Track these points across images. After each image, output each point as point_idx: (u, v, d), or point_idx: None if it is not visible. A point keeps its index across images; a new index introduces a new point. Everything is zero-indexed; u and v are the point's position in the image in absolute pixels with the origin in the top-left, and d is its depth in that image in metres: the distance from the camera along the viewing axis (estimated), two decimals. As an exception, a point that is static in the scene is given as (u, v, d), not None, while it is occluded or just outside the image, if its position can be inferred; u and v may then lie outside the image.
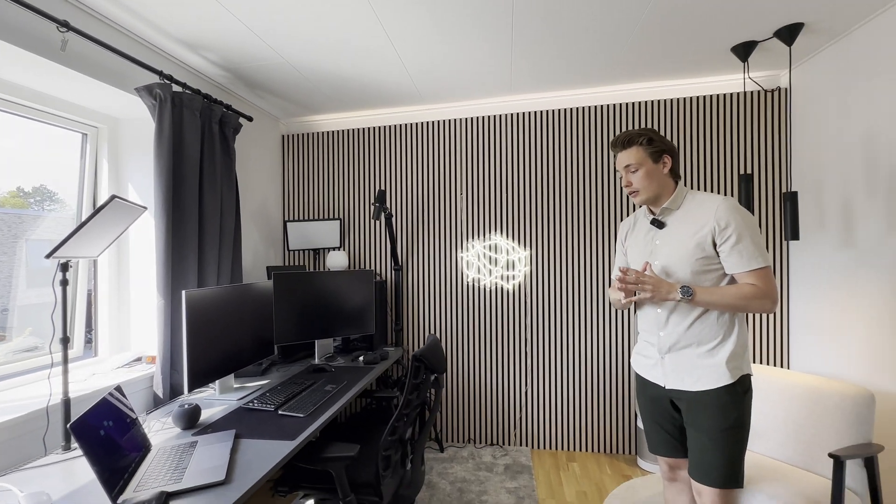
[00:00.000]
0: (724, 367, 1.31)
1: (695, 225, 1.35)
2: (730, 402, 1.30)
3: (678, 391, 1.39)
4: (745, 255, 1.28)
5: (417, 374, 1.63)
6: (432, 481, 2.39)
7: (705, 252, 1.33)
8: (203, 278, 2.11)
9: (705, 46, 2.15)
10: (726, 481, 1.31)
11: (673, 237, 1.40)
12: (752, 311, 1.31)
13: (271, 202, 3.04)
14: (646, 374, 1.50)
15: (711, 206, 1.33)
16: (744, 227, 1.29)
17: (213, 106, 2.20)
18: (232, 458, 1.23)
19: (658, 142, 1.40)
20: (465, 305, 2.89)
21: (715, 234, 1.31)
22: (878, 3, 1.80)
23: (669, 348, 1.40)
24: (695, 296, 1.28)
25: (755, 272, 1.28)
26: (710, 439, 1.32)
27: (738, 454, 1.32)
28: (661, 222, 1.43)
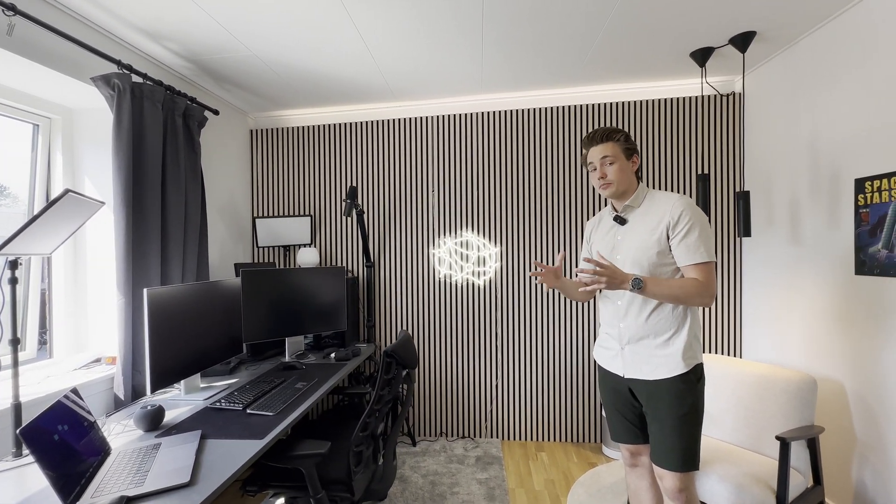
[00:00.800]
0: (678, 357, 1.38)
1: (654, 221, 1.43)
2: (685, 390, 1.38)
3: (637, 380, 1.45)
4: (691, 249, 1.36)
5: (389, 369, 1.64)
6: (405, 475, 2.42)
7: (662, 246, 1.40)
8: (167, 276, 2.05)
9: (666, 51, 2.24)
10: (685, 464, 1.38)
11: (634, 233, 1.47)
12: (692, 305, 1.38)
13: (240, 198, 2.97)
14: (607, 365, 1.56)
15: (669, 203, 1.42)
16: (695, 222, 1.37)
17: (177, 98, 2.13)
18: (197, 459, 1.21)
19: (631, 141, 1.51)
20: (437, 301, 2.92)
21: (669, 228, 1.39)
22: (823, 14, 1.92)
23: (629, 339, 1.46)
24: (644, 286, 1.34)
25: (698, 266, 1.36)
26: (669, 426, 1.39)
27: (695, 438, 1.39)
28: (623, 219, 1.51)
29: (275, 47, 2.12)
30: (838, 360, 1.96)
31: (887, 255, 1.71)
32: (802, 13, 1.90)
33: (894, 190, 1.67)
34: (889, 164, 1.69)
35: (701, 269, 1.36)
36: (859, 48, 1.82)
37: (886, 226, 1.71)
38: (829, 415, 2.00)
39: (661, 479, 1.44)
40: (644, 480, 1.60)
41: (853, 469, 1.90)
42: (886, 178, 1.70)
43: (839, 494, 1.97)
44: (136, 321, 1.85)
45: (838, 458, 1.96)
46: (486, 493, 2.23)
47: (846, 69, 1.89)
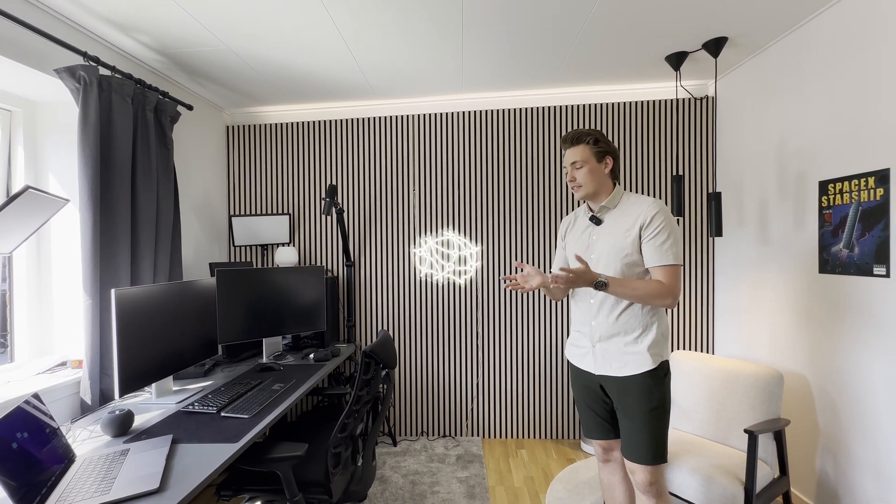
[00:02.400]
0: (646, 354, 1.42)
1: (628, 223, 1.46)
2: (653, 385, 1.42)
3: (607, 377, 1.49)
4: (660, 251, 1.40)
5: (368, 369, 1.63)
6: (385, 475, 2.41)
7: (634, 248, 1.44)
8: (137, 276, 1.99)
9: (642, 54, 2.29)
10: (654, 458, 1.43)
11: (608, 233, 1.50)
12: (654, 305, 1.43)
13: (215, 196, 2.90)
14: (578, 363, 1.60)
15: (644, 205, 1.45)
16: (666, 226, 1.41)
17: (148, 92, 2.06)
18: (168, 464, 1.17)
19: (603, 143, 1.51)
20: (418, 300, 2.91)
21: (643, 228, 1.42)
22: (790, 22, 1.99)
23: (600, 337, 1.50)
24: (608, 286, 1.39)
25: (664, 268, 1.40)
26: (639, 421, 1.43)
27: (663, 432, 1.44)
28: (598, 219, 1.54)
29: (250, 42, 2.07)
30: (802, 355, 2.04)
31: (848, 254, 1.79)
32: (771, 20, 1.97)
33: (854, 192, 1.75)
34: (850, 168, 1.77)
35: (667, 271, 1.40)
36: (823, 56, 1.89)
37: (847, 226, 1.78)
38: (795, 407, 2.08)
39: (632, 474, 1.48)
40: (616, 475, 1.64)
41: (817, 459, 1.98)
42: (847, 180, 1.78)
43: (803, 484, 2.05)
44: (103, 323, 1.78)
45: (803, 449, 2.04)
46: (466, 492, 2.24)
47: (811, 76, 1.96)
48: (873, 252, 1.68)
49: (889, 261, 1.61)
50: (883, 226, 1.63)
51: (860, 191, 1.72)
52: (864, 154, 1.71)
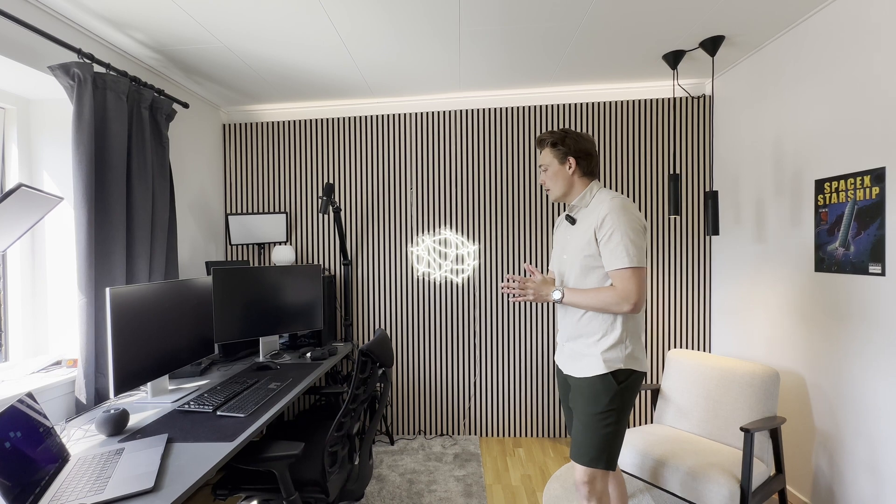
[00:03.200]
0: (599, 358, 1.40)
1: (589, 221, 1.43)
2: (601, 391, 1.40)
3: (568, 377, 1.53)
4: (613, 254, 1.35)
5: (364, 368, 1.63)
6: (382, 474, 2.40)
7: (591, 249, 1.40)
8: (132, 274, 1.98)
9: (640, 53, 2.29)
10: (591, 461, 1.40)
11: (577, 232, 1.48)
12: (611, 312, 1.38)
13: (211, 194, 2.89)
14: (557, 361, 1.64)
15: (601, 205, 1.41)
16: (619, 225, 1.33)
17: (143, 90, 2.05)
18: (163, 463, 1.17)
19: (563, 146, 1.47)
20: (416, 299, 2.91)
21: (596, 229, 1.38)
22: (787, 21, 1.99)
23: (567, 337, 1.53)
24: (563, 298, 1.43)
25: (618, 272, 1.34)
26: (580, 421, 1.44)
27: (607, 438, 1.39)
28: (572, 219, 1.53)
29: (246, 39, 2.06)
30: (799, 354, 2.05)
31: (844, 252, 1.79)
32: (767, 19, 1.97)
33: (850, 191, 1.75)
34: (846, 166, 1.77)
35: (621, 275, 1.34)
36: (818, 55, 1.90)
37: (843, 225, 1.79)
38: (791, 406, 2.09)
39: (573, 469, 1.54)
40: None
41: (812, 457, 1.99)
42: (843, 179, 1.78)
43: (799, 481, 2.06)
44: (98, 322, 1.77)
45: (798, 446, 2.05)
46: (463, 490, 2.24)
47: (807, 74, 1.96)
48: (869, 250, 1.68)
49: (885, 259, 1.62)
50: (878, 224, 1.64)
51: (856, 189, 1.73)
52: (859, 152, 1.72)
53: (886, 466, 1.64)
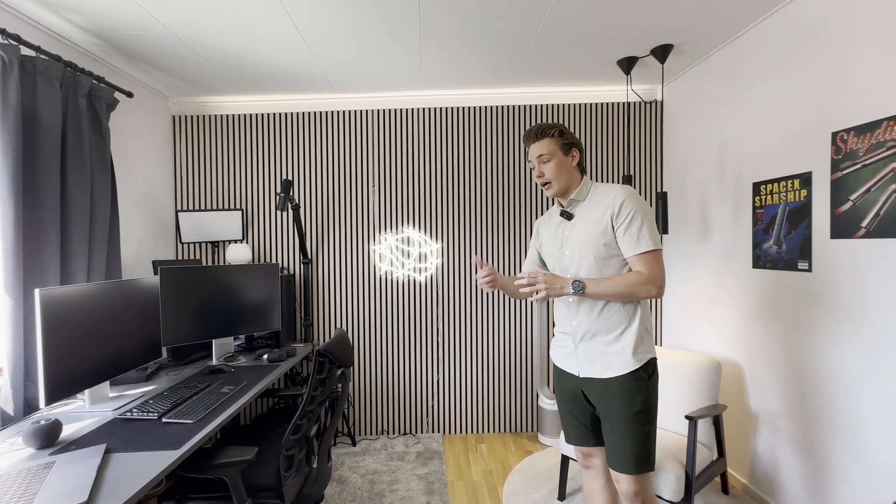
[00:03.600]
0: (629, 353, 1.33)
1: (598, 213, 1.39)
2: (635, 388, 1.33)
3: (590, 379, 1.40)
4: (635, 238, 1.31)
5: (322, 369, 1.59)
6: (343, 476, 2.37)
7: (607, 237, 1.35)
8: (68, 274, 1.84)
9: (595, 57, 2.37)
10: (639, 466, 1.33)
11: (580, 226, 1.43)
12: (639, 298, 1.33)
13: (160, 190, 2.73)
14: (562, 364, 1.51)
15: (611, 194, 1.38)
16: (637, 210, 1.32)
17: (80, 76, 1.91)
18: (99, 476, 1.09)
19: (568, 135, 1.44)
20: (378, 298, 2.88)
21: (613, 217, 1.34)
22: (729, 32, 2.12)
23: (582, 337, 1.42)
24: (585, 289, 1.31)
25: (643, 256, 1.31)
26: (621, 426, 1.34)
27: (649, 438, 1.34)
28: (569, 214, 1.46)
29: (196, 27, 1.96)
30: (737, 344, 2.19)
31: (777, 250, 1.93)
32: (711, 30, 2.09)
33: (782, 193, 1.89)
34: (779, 170, 1.91)
35: (646, 258, 1.31)
36: (755, 67, 2.03)
37: (776, 225, 1.93)
38: (731, 393, 2.23)
39: (617, 483, 1.40)
40: (597, 482, 1.56)
41: (750, 440, 2.13)
42: (777, 182, 1.92)
43: (739, 464, 2.20)
44: (28, 326, 1.64)
45: (738, 431, 2.20)
46: (425, 488, 2.24)
47: (745, 84, 2.10)
48: (798, 248, 1.82)
49: (811, 256, 1.76)
50: (806, 224, 1.78)
51: (787, 192, 1.87)
52: (790, 158, 1.86)
53: (817, 445, 1.78)
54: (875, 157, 1.50)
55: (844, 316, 1.64)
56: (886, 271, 1.48)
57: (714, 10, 1.90)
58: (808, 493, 1.81)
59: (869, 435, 1.56)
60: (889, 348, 1.49)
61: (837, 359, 1.67)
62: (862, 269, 1.57)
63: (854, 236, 1.58)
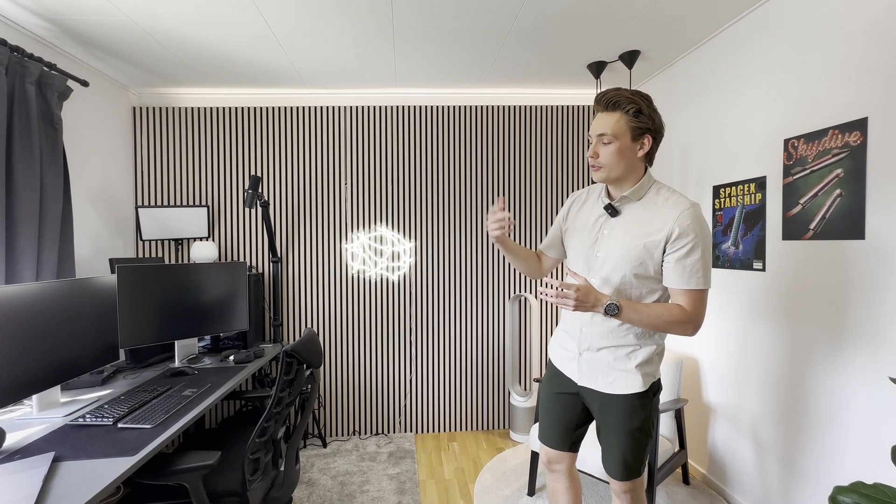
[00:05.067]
0: (637, 374, 1.25)
1: (651, 223, 1.19)
2: (639, 406, 1.26)
3: (590, 390, 1.32)
4: (688, 272, 1.15)
5: (290, 369, 1.56)
6: (312, 478, 2.33)
7: (653, 256, 1.19)
8: (14, 272, 1.73)
9: (566, 61, 2.41)
10: (630, 475, 1.31)
11: (623, 230, 1.24)
12: (672, 333, 1.21)
13: (118, 184, 2.60)
14: (561, 367, 1.41)
15: (676, 209, 1.17)
16: (700, 241, 1.15)
17: (28, 62, 1.80)
18: (45, 486, 1.03)
19: (647, 117, 1.19)
20: (350, 297, 2.85)
21: (669, 240, 1.16)
22: (692, 41, 2.20)
23: (589, 346, 1.30)
24: (620, 313, 1.16)
25: (690, 293, 1.16)
26: (618, 439, 1.29)
27: (642, 451, 1.31)
28: (615, 210, 1.26)
29: (156, 15, 1.87)
30: (697, 341, 2.29)
31: (734, 251, 2.03)
32: (675, 38, 2.16)
33: (739, 196, 1.99)
34: (737, 174, 2.01)
35: (693, 296, 1.16)
36: (717, 74, 2.12)
37: (734, 226, 2.02)
38: (691, 388, 2.32)
39: (610, 480, 1.38)
40: (560, 484, 1.50)
41: (708, 433, 2.23)
42: (734, 185, 2.01)
43: (698, 455, 2.30)
44: (-32, 328, 1.53)
45: (697, 424, 2.29)
46: (396, 488, 2.23)
47: (706, 92, 2.19)
48: (753, 249, 1.92)
49: (765, 257, 1.85)
50: (760, 226, 1.87)
51: (744, 195, 1.96)
52: (747, 163, 1.95)
53: (764, 435, 1.88)
54: (821, 164, 1.60)
55: (794, 313, 1.74)
56: (831, 270, 1.58)
57: (678, 20, 1.98)
58: (761, 481, 1.91)
59: (812, 426, 1.66)
60: (834, 343, 1.59)
61: (786, 354, 1.77)
62: (809, 268, 1.66)
63: (803, 238, 1.68)
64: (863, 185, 1.46)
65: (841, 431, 1.56)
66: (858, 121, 1.47)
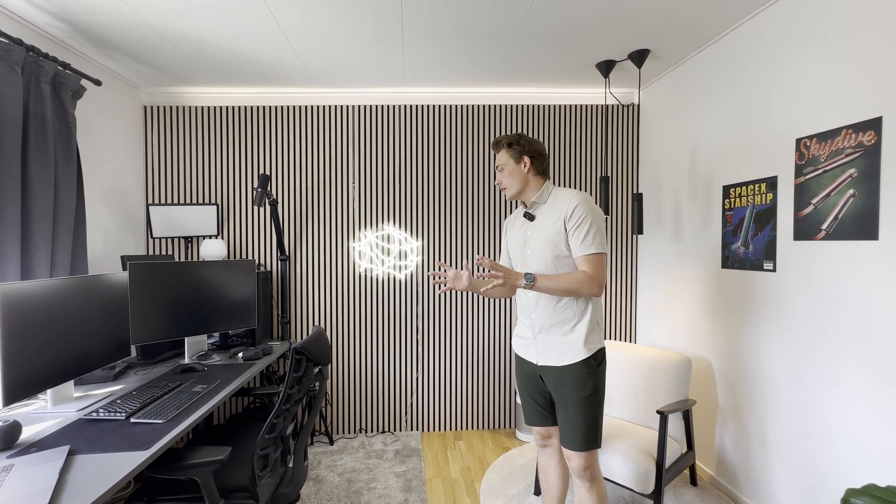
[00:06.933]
0: (581, 343, 1.49)
1: (555, 216, 1.52)
2: (587, 374, 1.48)
3: (547, 367, 1.55)
4: (583, 240, 1.46)
5: (299, 367, 1.57)
6: (320, 475, 2.34)
7: (561, 237, 1.49)
8: (29, 269, 1.76)
9: (574, 60, 2.40)
10: (587, 444, 1.49)
11: (539, 227, 1.56)
12: (582, 295, 1.47)
13: (130, 182, 2.63)
14: (522, 353, 1.65)
15: (568, 197, 1.52)
16: (588, 215, 1.46)
17: (43, 61, 1.82)
18: (62, 478, 1.05)
19: (518, 146, 1.58)
20: (357, 296, 2.86)
21: (566, 220, 1.48)
22: (703, 39, 2.19)
23: (540, 329, 1.55)
24: (535, 282, 1.45)
25: (588, 257, 1.45)
26: (573, 408, 1.49)
27: (596, 419, 1.50)
28: (531, 215, 1.60)
29: (169, 15, 1.90)
30: (707, 342, 2.27)
31: (744, 251, 2.01)
32: (685, 37, 2.15)
33: (750, 196, 1.97)
34: (747, 174, 1.99)
35: (591, 260, 1.45)
36: (727, 74, 2.11)
37: (744, 227, 2.01)
38: (700, 389, 2.31)
39: (569, 460, 1.53)
40: (552, 459, 1.71)
41: (716, 434, 2.22)
42: (744, 185, 2.00)
43: (706, 456, 2.29)
44: (-15, 323, 1.56)
45: (706, 425, 2.28)
46: (403, 486, 2.24)
47: (717, 91, 2.17)
48: (763, 249, 1.90)
49: (776, 257, 1.84)
50: (771, 226, 1.86)
51: (754, 195, 1.94)
52: (757, 163, 1.93)
53: (773, 436, 1.87)
54: (834, 164, 1.58)
55: (805, 314, 1.72)
56: (843, 272, 1.57)
57: (689, 18, 1.96)
58: (770, 483, 1.89)
59: (825, 428, 1.64)
60: (846, 345, 1.57)
61: (798, 355, 1.76)
62: (821, 269, 1.65)
63: (815, 238, 1.66)
64: (877, 185, 1.44)
65: (852, 433, 1.54)
66: (873, 120, 1.45)
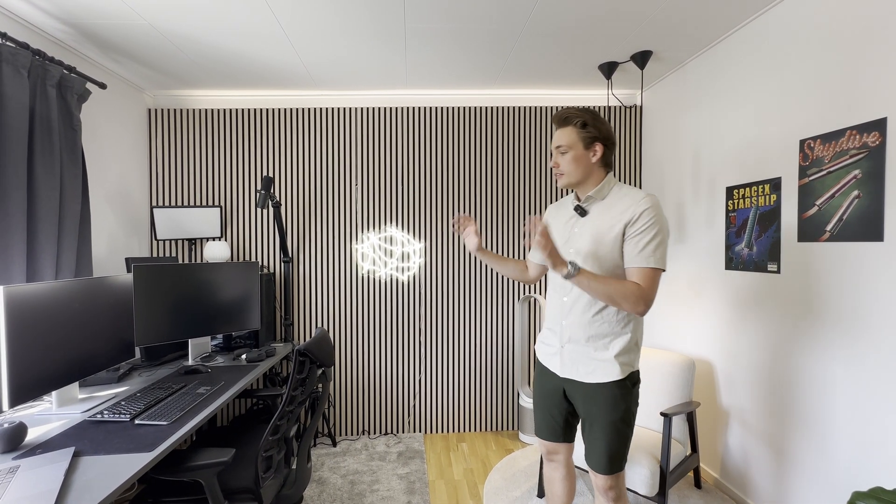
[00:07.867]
0: (615, 362, 1.32)
1: (614, 216, 1.32)
2: (619, 396, 1.33)
3: (571, 381, 1.40)
4: (643, 250, 1.25)
5: (302, 368, 1.57)
6: (323, 477, 2.34)
7: (617, 244, 1.30)
8: (34, 271, 1.77)
9: (577, 62, 2.41)
10: (612, 467, 1.37)
11: (592, 226, 1.36)
12: (623, 309, 1.28)
13: (134, 185, 2.65)
14: (545, 362, 1.51)
15: (634, 199, 1.30)
16: (656, 224, 1.26)
17: (49, 65, 1.84)
18: (67, 480, 1.06)
19: (593, 127, 1.34)
20: (360, 297, 2.86)
21: (628, 224, 1.28)
22: (705, 41, 2.19)
23: (569, 338, 1.39)
24: (579, 274, 1.24)
25: (645, 270, 1.25)
26: (600, 430, 1.35)
27: (624, 443, 1.37)
28: (584, 210, 1.40)
29: (174, 18, 1.91)
30: (711, 343, 2.27)
31: (748, 253, 2.00)
32: (688, 39, 2.15)
33: (753, 197, 1.96)
34: (751, 176, 1.98)
35: (646, 274, 1.25)
36: (731, 74, 2.10)
37: (748, 228, 2.00)
38: (703, 391, 2.30)
39: (592, 476, 1.43)
40: (558, 472, 1.60)
41: (721, 436, 2.20)
42: (748, 187, 1.99)
43: (710, 459, 2.28)
44: (-9, 325, 1.57)
45: (710, 427, 2.27)
46: (406, 488, 2.24)
47: (720, 92, 2.17)
48: (767, 251, 1.89)
49: (780, 258, 1.83)
50: (775, 228, 1.85)
51: (758, 196, 1.94)
52: (761, 164, 1.93)
53: (780, 438, 1.86)
54: (839, 165, 1.58)
55: (810, 316, 1.71)
56: (848, 273, 1.56)
57: (692, 20, 1.96)
58: (775, 486, 1.88)
59: (831, 431, 1.63)
60: (851, 347, 1.56)
61: (803, 357, 1.75)
62: (826, 271, 1.64)
63: (819, 240, 1.66)
64: (881, 186, 1.43)
65: (859, 436, 1.54)
66: (877, 121, 1.45)
